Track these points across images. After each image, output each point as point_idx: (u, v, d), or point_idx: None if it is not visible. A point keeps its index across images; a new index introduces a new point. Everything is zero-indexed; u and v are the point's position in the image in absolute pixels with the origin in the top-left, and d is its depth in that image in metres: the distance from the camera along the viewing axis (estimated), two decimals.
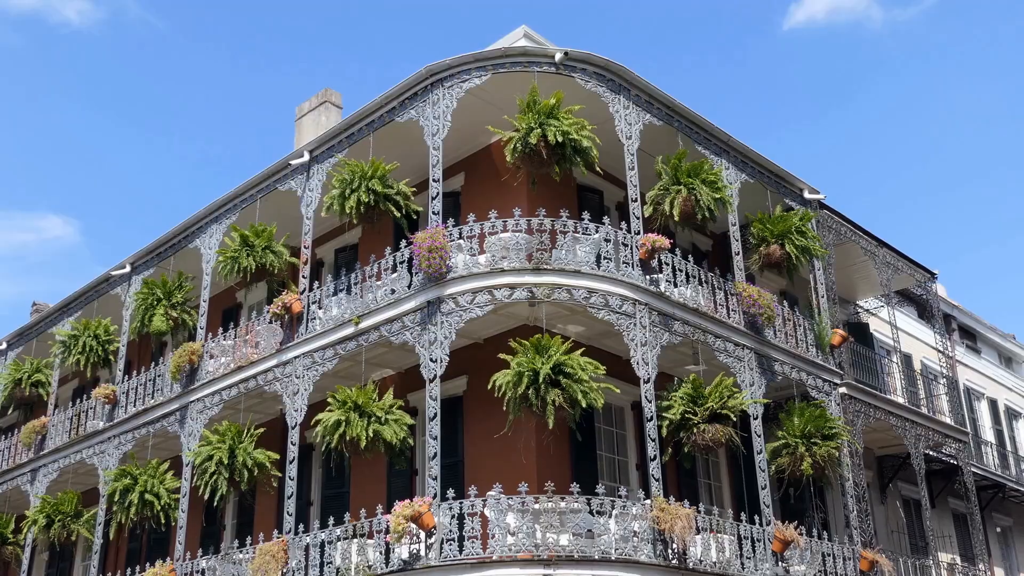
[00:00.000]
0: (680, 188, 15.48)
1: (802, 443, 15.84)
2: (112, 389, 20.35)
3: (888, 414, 19.53)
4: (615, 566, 12.90)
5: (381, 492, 16.28)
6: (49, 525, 19.73)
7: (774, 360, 16.72)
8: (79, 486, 21.44)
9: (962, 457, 22.02)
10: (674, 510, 13.39)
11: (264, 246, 17.29)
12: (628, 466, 16.60)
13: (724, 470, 18.52)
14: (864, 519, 17.46)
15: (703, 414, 14.51)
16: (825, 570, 15.90)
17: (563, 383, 13.12)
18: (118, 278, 21.63)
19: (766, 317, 16.64)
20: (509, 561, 12.72)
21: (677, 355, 16.12)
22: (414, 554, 13.18)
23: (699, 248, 19.53)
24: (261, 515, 18.67)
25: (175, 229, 20.14)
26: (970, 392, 29.64)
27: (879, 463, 22.22)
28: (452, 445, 15.55)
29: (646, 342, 14.41)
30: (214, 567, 16.39)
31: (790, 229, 17.15)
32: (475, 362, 15.41)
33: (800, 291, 20.70)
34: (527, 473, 14.26)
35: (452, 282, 14.29)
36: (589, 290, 14.25)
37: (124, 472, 18.03)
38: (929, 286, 23.67)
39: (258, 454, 16.04)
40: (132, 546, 21.64)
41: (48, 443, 21.83)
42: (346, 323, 15.51)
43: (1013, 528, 27.94)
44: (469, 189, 17.45)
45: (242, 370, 17.22)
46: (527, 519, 12.99)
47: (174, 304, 19.31)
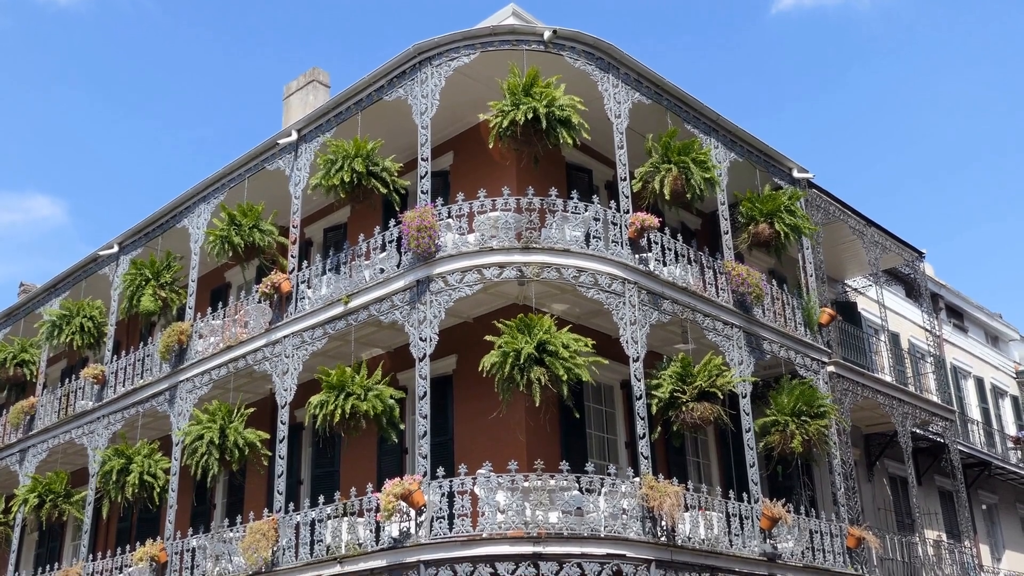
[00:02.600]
0: (671, 167, 15.49)
1: (792, 421, 15.93)
2: (101, 369, 20.31)
3: (876, 392, 19.65)
4: (604, 543, 12.98)
5: (371, 471, 16.33)
6: (40, 505, 19.72)
7: (763, 339, 16.78)
8: (68, 466, 21.43)
9: (949, 435, 22.18)
10: (663, 488, 13.46)
11: (252, 225, 17.26)
12: (617, 444, 16.67)
13: (713, 448, 18.62)
14: (851, 496, 17.59)
15: (692, 392, 14.57)
16: (812, 547, 16.03)
17: (547, 361, 13.16)
18: (106, 258, 21.56)
19: (755, 296, 16.70)
20: (499, 538, 12.78)
21: (666, 334, 16.17)
22: (404, 532, 13.23)
23: (688, 227, 19.55)
24: (251, 494, 18.70)
25: (163, 209, 20.07)
26: (957, 371, 29.82)
27: (866, 441, 22.36)
28: (442, 424, 15.59)
29: (635, 321, 14.44)
30: (204, 545, 16.43)
31: (779, 208, 17.18)
32: (464, 341, 15.42)
33: (788, 270, 20.77)
34: (517, 451, 14.32)
35: (441, 261, 14.28)
36: (578, 269, 14.26)
37: (117, 452, 18.04)
38: (917, 265, 23.76)
39: (248, 433, 16.06)
40: (122, 525, 21.66)
41: (37, 423, 21.80)
42: (335, 302, 15.50)
43: (998, 505, 28.18)
44: (458, 168, 17.41)
45: (231, 350, 17.21)
46: (517, 497, 13.04)
47: (163, 284, 19.27)
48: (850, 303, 24.02)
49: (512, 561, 12.66)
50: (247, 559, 15.02)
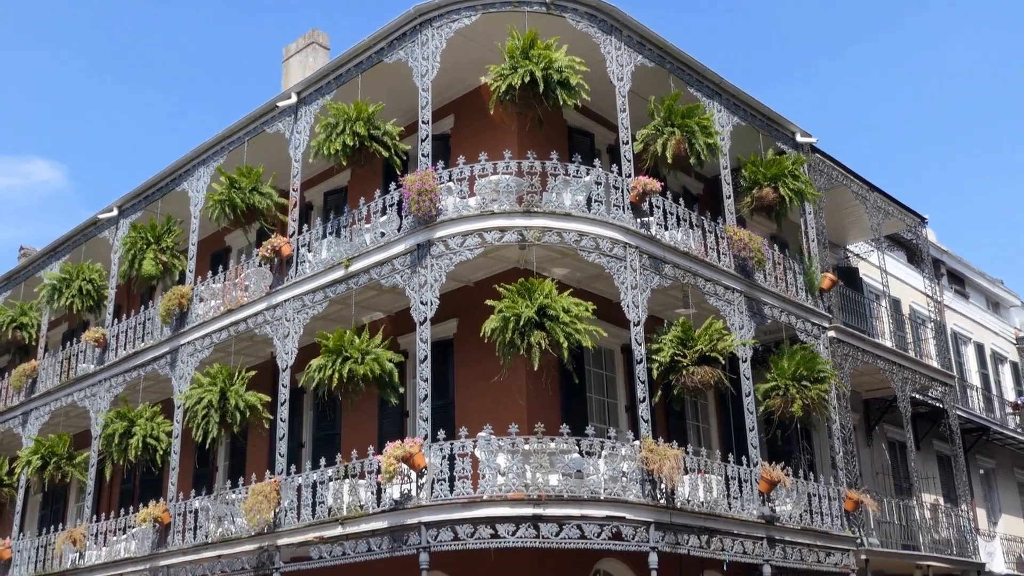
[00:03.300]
0: (674, 130, 15.40)
1: (792, 385, 15.96)
2: (102, 332, 20.35)
3: (876, 357, 19.68)
4: (604, 505, 13.06)
5: (372, 434, 16.40)
6: (44, 467, 19.84)
7: (763, 303, 16.78)
8: (71, 428, 21.54)
9: (948, 400, 22.25)
10: (662, 451, 13.52)
11: (251, 188, 17.21)
12: (618, 408, 16.73)
13: (712, 412, 18.69)
14: (850, 460, 17.68)
15: (692, 356, 14.60)
16: (811, 510, 16.13)
17: (547, 325, 13.17)
18: (106, 222, 21.52)
19: (756, 261, 16.67)
20: (499, 500, 12.85)
21: (667, 298, 16.17)
22: (405, 494, 13.31)
23: (690, 191, 19.48)
24: (253, 457, 18.80)
25: (162, 172, 20.00)
26: (957, 336, 29.86)
27: (866, 406, 22.43)
28: (443, 387, 15.63)
29: (636, 285, 14.43)
30: (207, 507, 16.54)
31: (783, 172, 17.11)
32: (465, 305, 15.43)
33: (790, 235, 20.73)
34: (517, 415, 14.37)
35: (442, 225, 14.24)
36: (580, 233, 14.23)
37: (119, 415, 18.12)
38: (919, 230, 23.71)
39: (249, 396, 16.11)
40: (125, 487, 21.80)
41: (39, 386, 21.88)
42: (336, 266, 15.49)
43: (996, 470, 28.34)
44: (459, 131, 17.32)
45: (232, 313, 17.22)
46: (517, 459, 13.11)
47: (163, 248, 19.25)
48: (851, 268, 23.99)
49: (512, 523, 12.74)
50: (249, 520, 15.12)
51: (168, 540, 16.95)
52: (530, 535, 12.75)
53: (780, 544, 15.24)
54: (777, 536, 15.20)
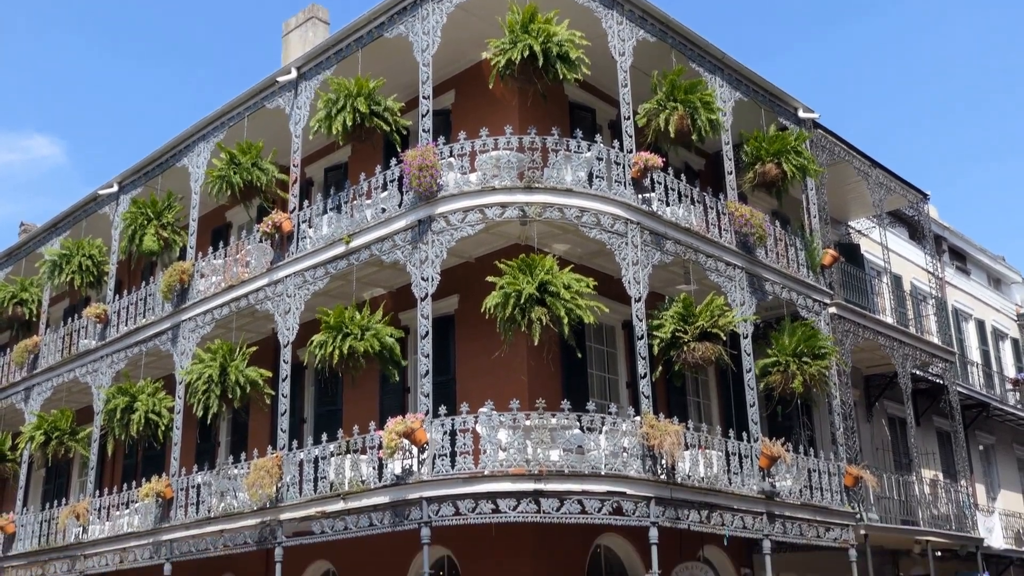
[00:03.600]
0: (676, 105, 15.33)
1: (793, 362, 15.98)
2: (103, 308, 20.36)
3: (877, 334, 19.69)
4: (605, 480, 13.10)
5: (373, 409, 16.44)
6: (47, 442, 19.91)
7: (765, 280, 16.77)
8: (73, 404, 21.59)
9: (948, 376, 22.28)
10: (663, 426, 13.55)
11: (252, 163, 17.16)
12: (619, 384, 16.76)
13: (713, 388, 18.73)
14: (850, 436, 17.72)
15: (693, 332, 14.61)
16: (810, 485, 16.18)
17: (548, 301, 13.17)
18: (106, 197, 21.49)
19: (757, 237, 16.64)
20: (500, 476, 12.90)
21: (668, 274, 16.15)
22: (407, 469, 13.36)
23: (691, 167, 19.43)
24: (255, 432, 18.86)
25: (162, 148, 19.96)
26: (958, 313, 29.86)
27: (866, 382, 22.46)
28: (444, 363, 15.65)
29: (637, 261, 14.41)
30: (210, 482, 16.61)
31: (786, 148, 17.05)
32: (466, 281, 15.42)
33: (791, 211, 20.69)
34: (518, 391, 14.39)
35: (443, 200, 14.21)
36: (581, 209, 14.20)
37: (121, 390, 18.16)
38: (921, 207, 23.66)
39: (250, 372, 16.14)
40: (127, 462, 21.89)
41: (41, 362, 21.92)
42: (337, 242, 15.47)
43: (995, 446, 28.42)
44: (459, 107, 17.25)
45: (233, 289, 17.22)
46: (518, 435, 13.14)
47: (164, 224, 19.22)
48: (853, 245, 23.96)
49: (514, 498, 12.79)
50: (251, 495, 15.19)
51: (171, 515, 17.03)
52: (531, 510, 12.80)
53: (780, 519, 15.31)
54: (777, 511, 15.26)
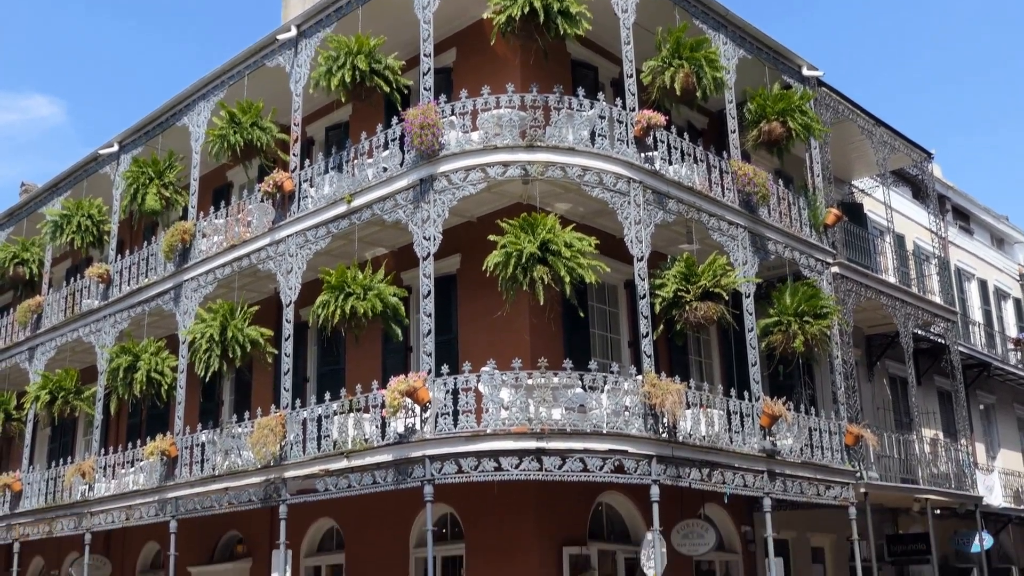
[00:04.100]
0: (682, 63, 15.21)
1: (795, 321, 15.99)
2: (105, 268, 20.37)
3: (879, 293, 19.69)
4: (606, 439, 13.17)
5: (376, 368, 16.50)
6: (52, 401, 20.02)
7: (767, 239, 16.73)
8: (77, 363, 21.67)
9: (950, 336, 22.31)
10: (665, 385, 13.59)
11: (252, 123, 17.07)
12: (621, 343, 16.80)
13: (715, 348, 18.76)
14: (851, 395, 17.79)
15: (696, 292, 14.60)
16: (811, 444, 16.26)
17: (550, 261, 13.15)
18: (106, 157, 21.41)
19: (760, 196, 16.58)
20: (503, 434, 12.97)
21: (671, 234, 16.12)
22: (409, 428, 13.43)
23: (694, 126, 19.31)
24: (258, 392, 18.94)
25: (162, 107, 19.85)
26: (961, 273, 29.83)
27: (868, 342, 22.50)
28: (446, 322, 15.67)
29: (640, 220, 14.37)
30: (214, 441, 16.72)
31: (791, 106, 16.93)
32: (468, 240, 15.40)
33: (795, 170, 20.59)
34: (520, 349, 14.43)
35: (445, 159, 14.15)
36: (583, 168, 14.13)
37: (124, 349, 18.22)
38: (925, 166, 23.55)
39: (250, 331, 16.15)
40: (132, 421, 22.01)
41: (44, 322, 21.98)
42: (338, 201, 15.43)
43: (996, 405, 28.53)
44: (461, 65, 17.12)
45: (235, 249, 17.21)
46: (520, 394, 13.19)
47: (166, 184, 19.18)
48: (856, 204, 23.88)
49: (516, 456, 12.87)
50: (256, 454, 15.30)
51: (176, 473, 17.16)
52: (533, 468, 12.88)
53: (780, 477, 15.40)
54: (778, 470, 15.35)
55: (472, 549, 15.30)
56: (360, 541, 16.93)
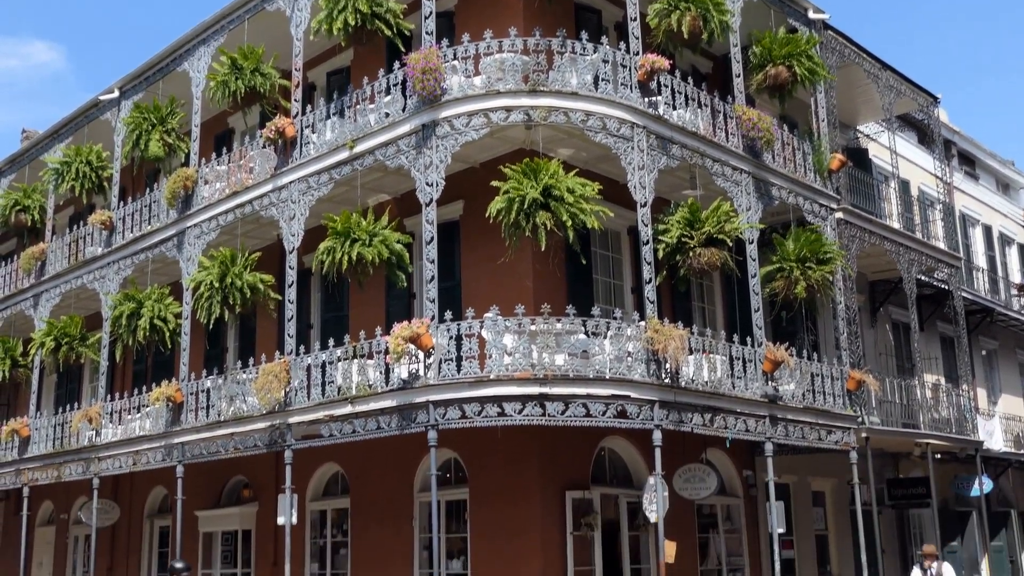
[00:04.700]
0: (689, 6, 15.00)
1: (797, 267, 15.98)
2: (108, 215, 20.35)
3: (883, 239, 19.64)
4: (609, 384, 13.24)
5: (380, 315, 16.54)
6: (57, 348, 20.12)
7: (772, 184, 16.65)
8: (82, 310, 21.75)
9: (953, 282, 22.29)
10: (668, 331, 13.62)
11: (253, 68, 16.93)
12: (623, 290, 16.80)
13: (718, 294, 18.76)
14: (854, 341, 17.83)
15: (699, 238, 14.57)
16: (813, 389, 16.34)
17: (552, 206, 13.11)
18: (107, 103, 21.27)
19: (765, 141, 16.47)
20: (506, 380, 13.04)
21: (674, 179, 16.04)
22: (413, 374, 13.50)
23: (699, 70, 19.11)
24: (262, 338, 19.01)
25: (162, 52, 19.68)
26: (965, 218, 29.72)
27: (871, 287, 22.50)
28: (449, 269, 15.68)
29: (643, 166, 14.30)
30: (219, 386, 16.83)
31: (797, 51, 16.73)
32: (471, 186, 15.33)
33: (799, 115, 20.42)
34: (523, 296, 14.45)
35: (447, 105, 14.04)
36: (586, 112, 14.02)
37: (128, 296, 18.27)
38: (931, 110, 23.34)
39: (249, 277, 16.14)
40: (137, 368, 22.15)
41: (48, 269, 22.01)
42: (340, 147, 15.35)
43: (998, 351, 28.60)
44: (463, 9, 16.90)
45: (237, 195, 17.16)
46: (523, 340, 13.23)
47: (169, 130, 19.09)
48: (861, 149, 23.72)
49: (519, 401, 12.95)
50: (260, 400, 15.40)
51: (181, 418, 17.30)
52: (536, 413, 12.97)
53: (782, 422, 15.51)
54: (780, 415, 15.44)
55: (476, 493, 15.47)
56: (365, 486, 17.12)
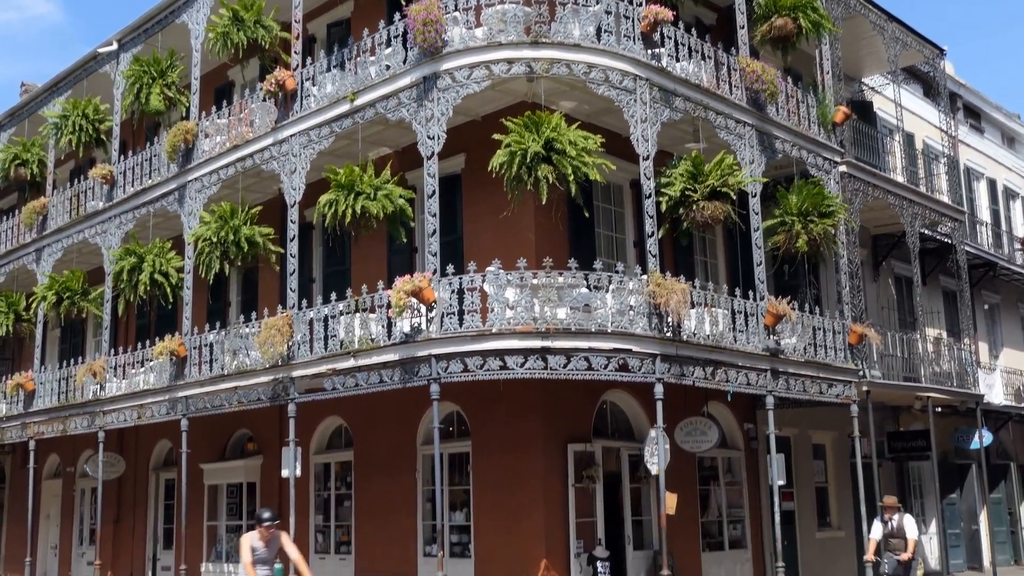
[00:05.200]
0: None
1: (798, 221, 15.94)
2: (109, 169, 20.27)
3: (886, 192, 19.55)
4: (611, 338, 13.27)
5: (382, 269, 16.53)
6: (59, 303, 20.17)
7: (775, 137, 16.54)
8: (84, 265, 21.76)
9: (956, 236, 22.23)
10: (670, 285, 13.62)
11: (254, 20, 16.75)
12: (626, 243, 16.78)
13: (720, 247, 18.73)
14: (856, 295, 17.82)
15: (703, 191, 14.52)
16: (815, 343, 16.37)
17: (554, 159, 13.04)
18: (105, 56, 21.10)
19: (769, 93, 16.33)
20: (508, 333, 13.06)
21: (677, 132, 15.93)
22: (415, 327, 13.52)
23: (702, 22, 18.89)
24: (265, 292, 19.02)
25: (160, 4, 19.50)
26: (970, 172, 29.56)
27: (874, 242, 22.45)
28: (451, 222, 15.65)
29: (646, 118, 14.20)
30: (222, 341, 16.87)
31: (802, 2, 16.52)
32: (473, 140, 15.24)
33: (803, 67, 20.24)
34: (526, 250, 14.42)
35: (448, 57, 13.91)
36: (589, 65, 13.90)
37: (129, 251, 18.26)
38: (937, 63, 23.13)
39: (247, 230, 16.10)
40: (141, 323, 22.20)
41: (50, 223, 21.98)
42: (341, 100, 15.24)
43: (1000, 305, 28.60)
44: None
45: (238, 149, 17.08)
46: (525, 294, 13.23)
47: (169, 83, 18.95)
48: (866, 102, 23.53)
49: (521, 355, 12.99)
50: (263, 353, 15.45)
51: (185, 372, 17.37)
52: (538, 367, 13.01)
53: (784, 376, 15.56)
54: (781, 368, 15.49)
55: (478, 446, 15.57)
56: (368, 439, 17.24)
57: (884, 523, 13.99)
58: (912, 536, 13.80)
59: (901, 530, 13.82)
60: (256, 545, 10.34)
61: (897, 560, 13.73)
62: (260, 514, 10.51)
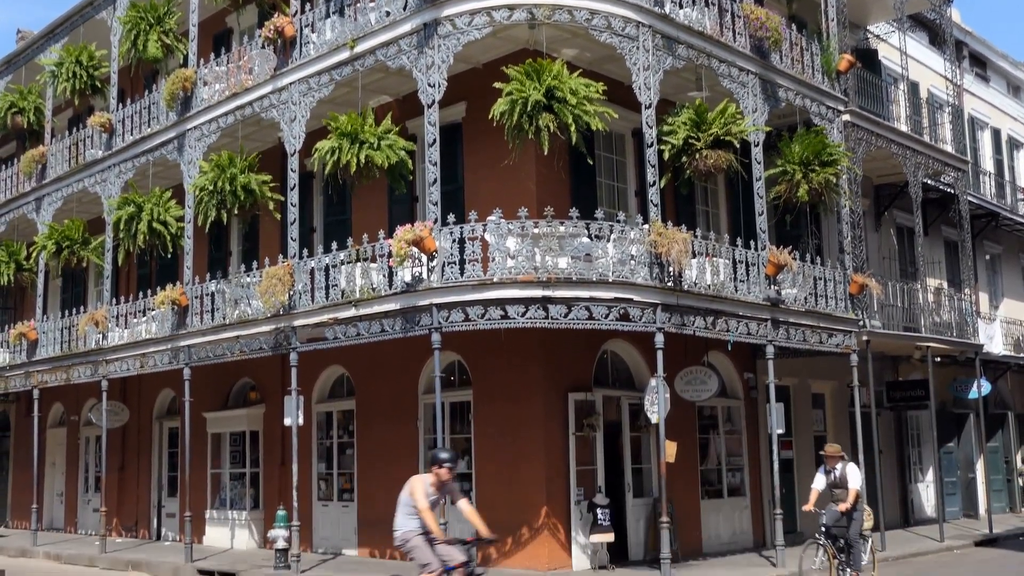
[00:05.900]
0: None
1: (799, 170, 15.87)
2: (107, 118, 20.13)
3: (890, 142, 19.44)
4: (612, 287, 13.27)
5: (383, 219, 16.49)
6: (59, 252, 20.15)
7: (778, 86, 16.40)
8: (84, 214, 21.71)
9: (959, 186, 22.14)
10: (671, 234, 13.59)
11: None
12: (627, 193, 16.72)
13: (722, 197, 18.66)
14: (857, 245, 17.80)
15: (706, 140, 14.43)
16: (816, 293, 16.39)
17: (555, 108, 12.94)
18: (102, 2, 20.83)
19: (773, 41, 16.17)
20: (509, 283, 13.07)
21: (679, 80, 15.79)
22: (416, 277, 13.52)
23: None
24: (265, 242, 18.98)
25: None
26: (974, 121, 29.34)
27: (876, 192, 22.35)
28: (452, 171, 15.57)
29: (649, 66, 14.06)
30: (223, 290, 16.89)
31: None
32: (474, 88, 15.11)
33: (808, 15, 20.00)
34: (526, 199, 14.38)
35: (449, 3, 13.74)
36: (591, 11, 13.73)
37: (127, 200, 18.20)
38: (943, 9, 22.86)
39: (243, 178, 16.02)
40: (142, 272, 22.21)
41: (49, 172, 21.88)
42: (341, 47, 15.09)
43: (1002, 255, 28.56)
44: None
45: (237, 97, 16.94)
46: (527, 243, 13.22)
47: (167, 30, 18.73)
48: (871, 50, 23.28)
49: (522, 304, 13.01)
50: (265, 303, 15.48)
51: (187, 322, 17.41)
52: (539, 316, 13.03)
53: (784, 325, 15.59)
54: (781, 318, 15.52)
55: (480, 395, 15.66)
56: (370, 388, 17.33)
57: (827, 473, 13.24)
58: (854, 486, 12.83)
59: (844, 479, 13.07)
60: (429, 491, 9.28)
61: (838, 511, 13.00)
62: (437, 454, 9.42)
